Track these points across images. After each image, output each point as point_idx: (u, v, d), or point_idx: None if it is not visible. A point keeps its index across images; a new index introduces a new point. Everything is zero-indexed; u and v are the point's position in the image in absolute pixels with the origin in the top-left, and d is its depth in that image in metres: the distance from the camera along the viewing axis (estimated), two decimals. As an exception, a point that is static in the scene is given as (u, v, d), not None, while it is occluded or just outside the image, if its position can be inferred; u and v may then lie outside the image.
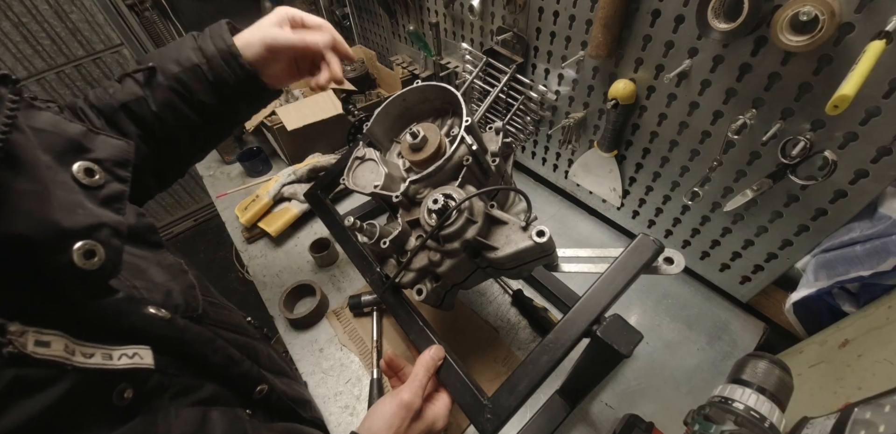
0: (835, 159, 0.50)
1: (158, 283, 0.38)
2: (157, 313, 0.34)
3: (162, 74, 0.51)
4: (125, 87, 0.51)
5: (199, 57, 0.51)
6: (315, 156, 1.16)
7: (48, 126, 0.32)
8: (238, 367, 0.41)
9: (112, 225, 0.30)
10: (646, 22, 0.59)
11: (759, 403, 0.42)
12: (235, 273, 2.08)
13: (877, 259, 0.49)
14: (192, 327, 0.37)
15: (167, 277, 0.40)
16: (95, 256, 0.28)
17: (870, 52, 0.39)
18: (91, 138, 0.34)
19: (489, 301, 0.83)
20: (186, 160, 0.63)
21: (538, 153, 0.98)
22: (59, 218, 0.27)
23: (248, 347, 0.47)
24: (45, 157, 0.29)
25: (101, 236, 0.29)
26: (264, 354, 0.52)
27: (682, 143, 0.66)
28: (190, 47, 0.52)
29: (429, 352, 0.51)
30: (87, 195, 0.31)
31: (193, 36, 0.53)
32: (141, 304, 0.34)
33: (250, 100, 0.58)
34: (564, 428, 0.65)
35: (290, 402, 0.49)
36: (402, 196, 0.52)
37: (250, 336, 0.50)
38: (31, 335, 0.26)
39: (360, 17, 1.38)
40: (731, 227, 0.68)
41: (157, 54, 0.52)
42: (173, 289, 0.39)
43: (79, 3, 1.65)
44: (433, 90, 0.57)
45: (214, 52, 0.51)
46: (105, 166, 0.34)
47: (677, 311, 0.79)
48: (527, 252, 0.47)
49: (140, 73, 0.51)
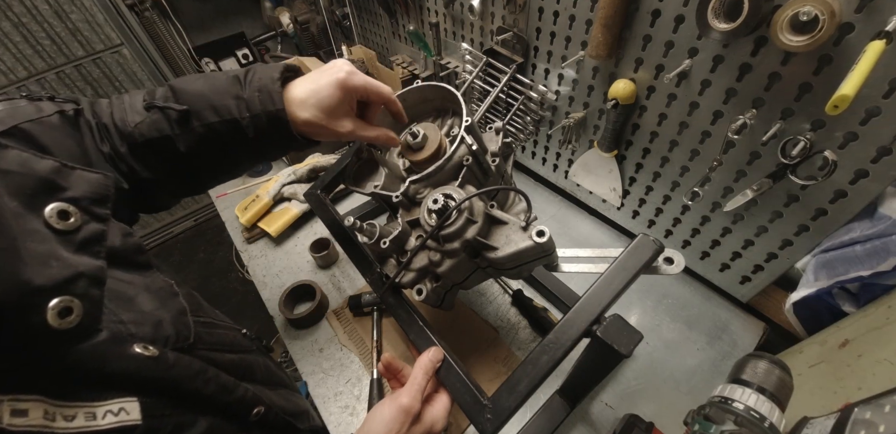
0: (835, 159, 0.50)
1: (147, 312, 0.36)
2: (143, 353, 0.32)
3: (196, 119, 0.46)
4: (151, 120, 0.46)
5: (240, 111, 0.46)
6: (315, 156, 1.17)
7: (15, 166, 0.29)
8: (232, 395, 0.39)
9: (90, 273, 0.28)
10: (646, 22, 0.59)
11: (759, 403, 0.42)
12: (235, 273, 2.08)
13: (877, 259, 0.49)
14: (182, 360, 0.35)
15: (156, 305, 0.38)
16: (72, 313, 0.26)
17: (870, 52, 0.39)
18: (65, 175, 0.31)
19: (489, 301, 0.83)
20: (207, 186, 0.60)
21: (538, 153, 0.98)
22: (31, 275, 0.25)
23: (244, 366, 0.46)
24: (12, 203, 0.27)
25: (77, 289, 0.27)
26: (261, 368, 0.51)
27: (682, 143, 0.66)
28: (232, 95, 0.46)
29: (427, 354, 0.51)
30: (61, 241, 0.28)
31: (238, 79, 0.47)
32: (126, 343, 0.31)
33: (284, 149, 0.54)
34: (564, 428, 0.65)
35: (287, 416, 0.48)
36: (401, 196, 0.52)
37: (246, 351, 0.49)
38: (6, 405, 0.24)
39: (360, 17, 1.38)
40: (731, 227, 0.68)
41: (194, 93, 0.46)
42: (163, 318, 0.37)
43: (79, 3, 1.65)
44: (433, 90, 0.57)
45: (260, 112, 0.46)
46: (82, 205, 0.31)
47: (677, 311, 0.79)
48: (527, 252, 0.47)
49: (171, 110, 0.46)
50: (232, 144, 0.48)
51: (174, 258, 2.35)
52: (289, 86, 0.48)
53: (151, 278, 0.40)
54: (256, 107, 0.46)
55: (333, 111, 0.48)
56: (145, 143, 0.46)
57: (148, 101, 0.47)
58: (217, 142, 0.48)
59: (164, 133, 0.46)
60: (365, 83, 0.49)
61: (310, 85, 0.48)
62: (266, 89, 0.46)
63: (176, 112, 0.45)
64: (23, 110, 0.40)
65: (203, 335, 0.41)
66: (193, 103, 0.46)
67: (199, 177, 0.54)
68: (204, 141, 0.47)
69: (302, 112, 0.47)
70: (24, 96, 0.43)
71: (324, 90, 0.47)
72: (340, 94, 0.47)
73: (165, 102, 0.46)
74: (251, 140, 0.47)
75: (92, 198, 0.32)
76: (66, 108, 0.44)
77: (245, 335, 0.53)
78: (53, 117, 0.42)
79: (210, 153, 0.49)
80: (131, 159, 0.47)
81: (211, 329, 0.44)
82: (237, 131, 0.47)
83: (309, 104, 0.47)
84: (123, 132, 0.47)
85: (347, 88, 0.48)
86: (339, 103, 0.48)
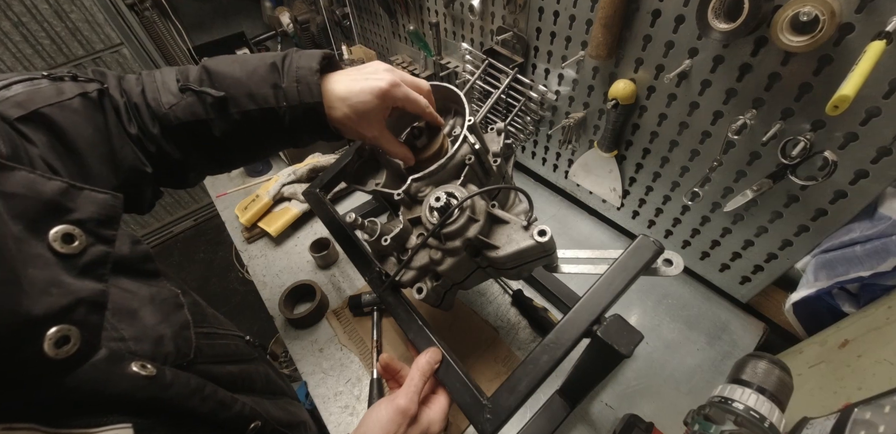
0: (835, 159, 0.50)
1: (149, 326, 0.36)
2: (140, 372, 0.31)
3: (234, 106, 0.46)
4: (186, 102, 0.46)
5: (277, 100, 0.46)
6: (315, 156, 1.17)
7: (21, 189, 0.28)
8: (229, 411, 0.39)
9: (91, 299, 0.28)
10: (646, 22, 0.59)
11: (759, 403, 0.42)
12: (235, 273, 2.08)
13: (877, 259, 0.49)
14: (180, 378, 0.34)
15: (159, 318, 0.37)
16: (70, 342, 0.25)
17: (870, 53, 0.39)
18: (72, 196, 0.30)
19: (489, 301, 0.83)
20: (235, 167, 0.61)
21: (538, 153, 0.98)
22: (30, 305, 0.24)
23: (243, 377, 0.46)
24: (15, 227, 0.26)
25: (77, 317, 0.26)
26: (261, 377, 0.50)
27: (682, 143, 0.66)
28: (270, 84, 0.46)
29: (425, 355, 0.50)
30: (64, 266, 0.28)
31: (276, 66, 0.46)
32: (125, 361, 0.31)
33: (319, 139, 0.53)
34: (564, 428, 0.65)
35: (284, 429, 0.47)
36: (403, 194, 0.52)
37: (247, 360, 0.48)
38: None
39: (360, 17, 1.38)
40: (731, 227, 0.68)
41: (230, 78, 0.46)
42: (165, 334, 0.36)
43: (79, 3, 1.65)
44: (436, 90, 0.57)
45: (297, 101, 0.46)
46: (87, 228, 0.30)
47: (677, 311, 0.79)
48: (528, 251, 0.47)
49: (208, 95, 0.45)
50: (267, 131, 0.49)
51: (174, 258, 2.35)
52: (327, 79, 0.48)
53: (158, 288, 0.40)
54: (295, 98, 0.46)
55: (366, 116, 0.48)
56: (180, 125, 0.46)
57: (182, 83, 0.46)
58: (253, 128, 0.48)
59: (199, 117, 0.46)
60: (405, 97, 0.49)
61: (351, 84, 0.48)
62: (305, 81, 0.46)
63: (213, 97, 0.45)
64: (43, 92, 0.39)
65: (204, 348, 0.41)
66: (230, 89, 0.46)
67: (231, 158, 0.55)
68: (240, 127, 0.48)
69: (336, 110, 0.48)
70: (45, 76, 0.41)
71: (363, 95, 0.47)
72: (378, 102, 0.48)
73: (201, 86, 0.46)
74: (286, 128, 0.48)
75: (98, 219, 0.31)
76: (89, 90, 0.43)
77: (248, 342, 0.53)
78: (75, 100, 0.41)
79: (244, 138, 0.49)
80: (163, 141, 0.47)
81: (213, 340, 0.44)
82: (274, 119, 0.47)
83: (346, 104, 0.47)
84: (157, 113, 0.46)
85: (387, 99, 0.48)
86: (374, 110, 0.48)
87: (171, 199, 2.34)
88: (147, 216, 2.30)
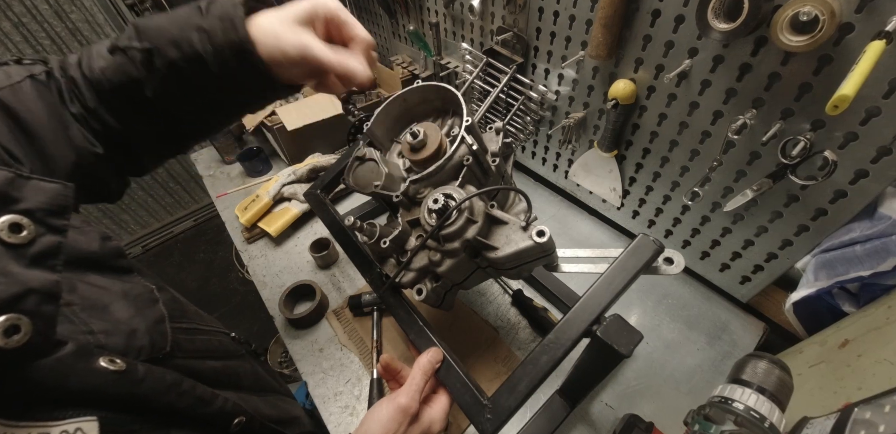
0: (835, 159, 0.50)
1: (121, 320, 0.35)
2: (108, 367, 0.30)
3: (159, 57, 0.42)
4: (117, 63, 0.43)
5: (203, 44, 0.41)
6: (315, 156, 1.17)
7: None
8: (209, 407, 0.38)
9: (42, 289, 0.27)
10: (646, 22, 0.59)
11: (759, 403, 0.42)
12: (235, 273, 2.08)
13: (877, 259, 0.49)
14: (154, 373, 0.33)
15: (132, 312, 0.37)
16: (20, 332, 0.25)
17: (870, 53, 0.39)
18: (19, 186, 0.30)
19: (489, 301, 0.83)
20: (187, 142, 0.55)
21: (538, 153, 0.98)
22: None
23: (228, 373, 0.45)
24: None
25: (27, 306, 0.26)
26: (248, 374, 0.50)
27: (682, 143, 0.66)
28: (194, 26, 0.42)
29: (426, 355, 0.50)
30: (12, 255, 0.27)
31: (199, 9, 0.43)
32: (92, 355, 0.30)
33: (262, 94, 0.49)
34: (564, 428, 0.65)
35: (273, 424, 0.46)
36: (402, 196, 0.52)
37: (233, 356, 0.48)
38: None
39: (360, 17, 1.38)
40: (731, 227, 0.68)
41: (155, 28, 0.42)
42: (138, 327, 0.36)
43: (79, 3, 1.65)
44: (433, 90, 0.57)
45: (223, 43, 0.41)
46: (36, 217, 0.29)
47: (677, 311, 0.79)
48: (527, 252, 0.47)
49: (134, 50, 0.42)
50: (199, 86, 0.44)
51: (174, 258, 2.35)
52: (255, 15, 0.43)
53: (131, 284, 0.39)
54: (218, 37, 0.41)
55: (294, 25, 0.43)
56: (113, 89, 0.43)
57: (112, 44, 0.43)
58: (183, 82, 0.43)
59: (131, 76, 0.43)
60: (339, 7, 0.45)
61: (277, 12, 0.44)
62: (228, 16, 0.41)
63: (139, 52, 0.42)
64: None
65: (183, 343, 0.40)
66: (155, 39, 0.42)
67: (174, 129, 0.50)
68: (169, 82, 0.43)
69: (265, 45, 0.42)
70: None
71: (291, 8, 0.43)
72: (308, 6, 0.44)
73: (129, 42, 0.42)
74: (218, 78, 0.43)
75: (48, 209, 0.30)
76: (35, 72, 0.42)
77: (234, 339, 0.52)
78: (25, 83, 0.40)
79: (178, 97, 0.45)
80: (102, 110, 0.44)
81: (193, 335, 0.43)
82: (202, 68, 0.42)
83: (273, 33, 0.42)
84: (91, 80, 0.44)
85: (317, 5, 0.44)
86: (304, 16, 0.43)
87: (172, 199, 2.34)
88: (147, 216, 2.30)
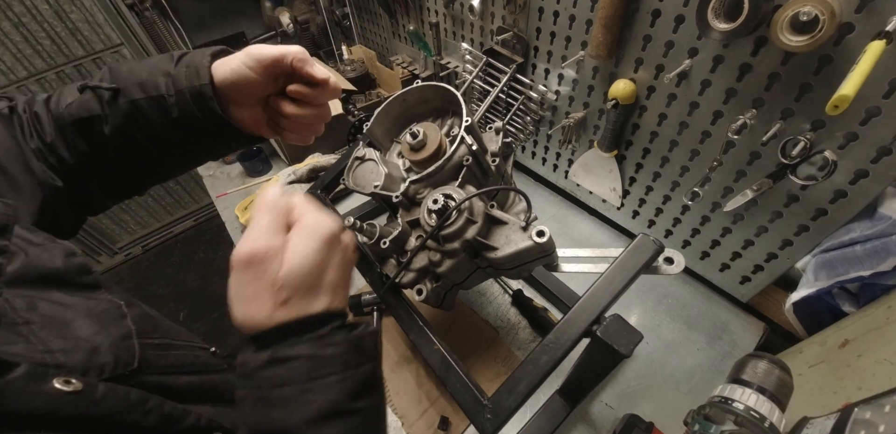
0: (835, 159, 0.50)
1: (83, 338, 0.34)
2: (63, 388, 0.29)
3: (123, 97, 0.44)
4: (84, 100, 0.45)
5: (167, 88, 0.44)
6: (315, 156, 1.17)
7: None
8: (179, 424, 0.36)
9: None
10: (646, 22, 0.59)
11: (759, 403, 0.42)
12: (235, 273, 2.08)
13: (877, 259, 0.49)
14: (115, 392, 0.32)
15: (96, 329, 0.35)
16: None
17: (870, 53, 0.39)
18: None
19: (489, 301, 0.83)
20: (145, 184, 0.55)
21: (538, 153, 0.98)
22: None
23: (207, 387, 0.44)
24: None
25: None
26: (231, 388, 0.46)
27: (682, 143, 0.66)
28: (162, 72, 0.44)
29: (265, 191, 0.37)
30: None
31: (172, 57, 0.46)
32: (46, 377, 0.29)
33: (220, 142, 0.50)
34: (564, 428, 0.65)
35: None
36: (402, 196, 0.52)
37: (212, 371, 0.46)
38: None
39: (360, 17, 1.38)
40: (731, 227, 0.68)
41: (127, 71, 0.45)
42: (101, 344, 0.35)
43: (79, 3, 1.65)
44: (433, 90, 0.57)
45: (184, 87, 0.44)
46: None
47: (677, 311, 0.79)
48: (527, 252, 0.47)
49: (102, 89, 0.44)
50: (159, 128, 0.45)
51: (174, 258, 2.35)
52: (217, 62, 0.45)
53: (97, 300, 0.38)
54: (182, 82, 0.44)
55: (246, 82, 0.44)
56: (73, 123, 0.45)
57: (83, 83, 0.45)
58: (143, 123, 0.45)
59: (93, 113, 0.44)
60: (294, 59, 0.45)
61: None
62: (194, 64, 0.44)
63: (106, 90, 0.44)
64: None
65: (153, 358, 0.39)
66: (124, 81, 0.44)
67: (130, 169, 0.50)
68: (128, 120, 0.44)
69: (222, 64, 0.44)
70: None
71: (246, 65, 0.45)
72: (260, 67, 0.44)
73: (100, 82, 0.44)
74: (177, 121, 0.45)
75: None
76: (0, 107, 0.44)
77: (214, 354, 0.50)
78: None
79: (135, 138, 0.46)
80: (59, 145, 0.45)
81: (165, 351, 0.41)
82: (162, 110, 0.44)
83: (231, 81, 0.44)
84: (55, 115, 0.45)
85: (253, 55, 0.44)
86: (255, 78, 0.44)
87: (172, 199, 2.34)
88: (147, 216, 2.30)
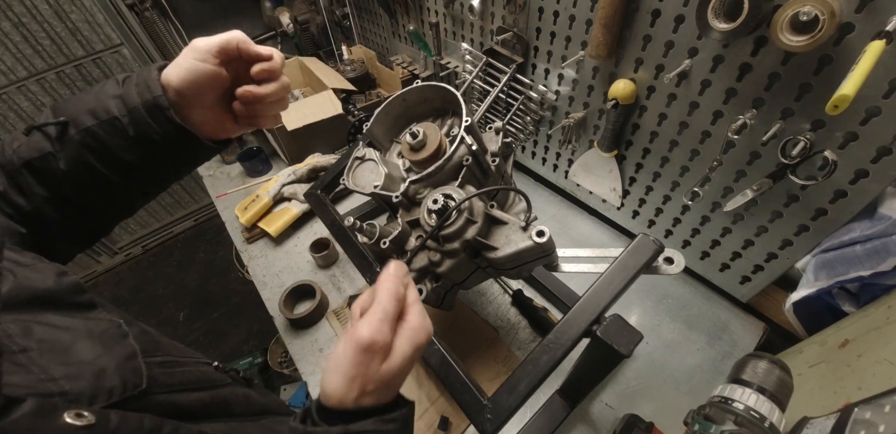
0: (835, 159, 0.50)
1: (87, 361, 0.33)
2: (75, 423, 0.28)
3: (74, 128, 0.42)
4: (32, 141, 0.43)
5: (119, 109, 0.42)
6: (315, 156, 1.17)
7: None
8: None
9: None
10: (646, 22, 0.59)
11: (759, 403, 0.42)
12: (235, 273, 2.08)
13: (877, 259, 0.49)
14: (129, 421, 0.31)
15: (99, 351, 0.34)
16: None
17: (870, 52, 0.39)
18: None
19: (489, 301, 0.83)
20: (111, 220, 0.52)
21: (538, 153, 0.98)
22: None
23: (217, 402, 0.43)
24: None
25: None
26: (240, 400, 0.47)
27: (682, 143, 0.66)
28: (111, 95, 0.43)
29: (387, 269, 0.38)
30: None
31: (117, 81, 0.44)
32: (56, 411, 0.28)
33: (183, 157, 0.48)
34: (564, 428, 0.65)
35: None
36: (401, 196, 0.52)
37: (218, 386, 0.45)
38: None
39: (360, 17, 1.38)
40: (731, 227, 0.68)
41: (74, 103, 0.43)
42: (106, 366, 0.33)
43: (79, 3, 1.65)
44: (433, 90, 0.57)
45: (137, 103, 0.42)
46: None
47: (677, 311, 0.79)
48: (527, 252, 0.47)
49: (51, 126, 0.42)
50: (116, 151, 0.43)
51: (174, 258, 2.35)
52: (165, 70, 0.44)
53: (96, 320, 0.37)
54: (133, 99, 0.42)
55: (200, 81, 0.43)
56: (24, 165, 0.42)
57: (28, 126, 0.43)
58: (100, 150, 0.43)
59: (43, 151, 0.42)
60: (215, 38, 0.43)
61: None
62: (143, 80, 0.43)
63: (53, 126, 0.42)
64: None
65: (160, 377, 0.38)
66: (71, 112, 0.43)
67: (91, 204, 0.47)
68: (83, 150, 0.42)
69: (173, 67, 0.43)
70: None
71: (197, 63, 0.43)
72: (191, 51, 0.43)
73: (45, 120, 0.43)
74: (135, 141, 0.43)
75: None
76: None
77: (217, 368, 0.49)
78: None
79: (94, 167, 0.44)
80: (12, 193, 0.43)
81: (171, 368, 0.40)
82: (118, 132, 0.42)
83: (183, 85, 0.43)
84: (2, 162, 0.43)
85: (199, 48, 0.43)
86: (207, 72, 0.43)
87: (172, 199, 2.34)
88: (147, 216, 2.30)
